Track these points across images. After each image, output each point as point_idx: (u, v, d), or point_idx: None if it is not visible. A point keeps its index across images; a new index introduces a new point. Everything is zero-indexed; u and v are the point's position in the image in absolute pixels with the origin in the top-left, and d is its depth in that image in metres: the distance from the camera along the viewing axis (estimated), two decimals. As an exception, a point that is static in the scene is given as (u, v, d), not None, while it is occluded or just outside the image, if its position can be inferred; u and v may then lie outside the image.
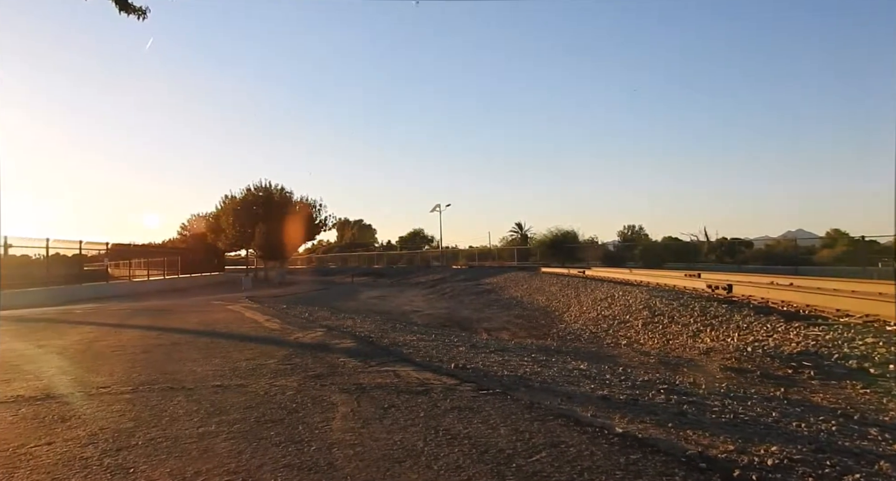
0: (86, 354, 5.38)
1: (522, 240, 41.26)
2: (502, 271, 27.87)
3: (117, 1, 10.44)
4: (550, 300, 16.52)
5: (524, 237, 41.91)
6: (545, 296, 17.46)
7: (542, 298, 17.16)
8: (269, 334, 6.76)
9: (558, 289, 17.82)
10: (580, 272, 22.10)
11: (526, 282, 21.73)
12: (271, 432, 2.75)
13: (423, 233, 61.19)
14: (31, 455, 2.46)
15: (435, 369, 4.43)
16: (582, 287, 17.00)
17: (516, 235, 43.20)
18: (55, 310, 12.39)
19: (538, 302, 16.89)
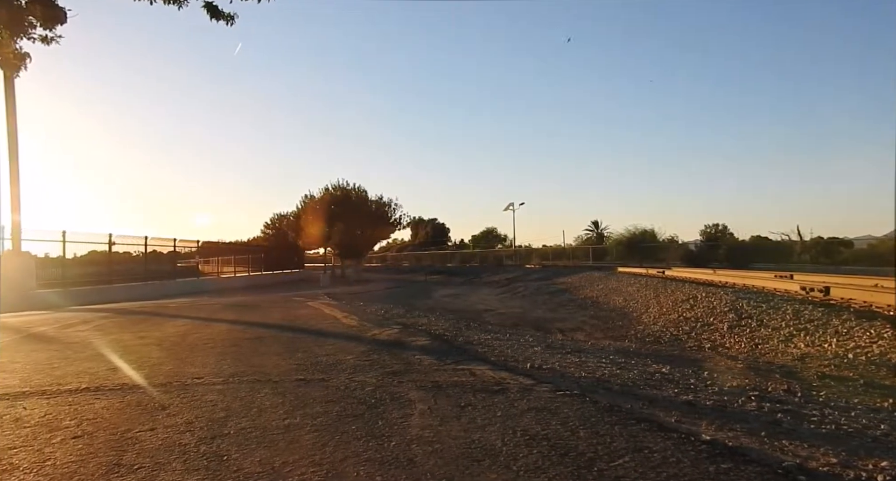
0: (181, 346, 5.73)
1: (598, 240, 40.33)
2: (577, 271, 27.32)
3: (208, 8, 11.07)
4: (628, 301, 16.02)
5: (600, 236, 40.95)
6: (622, 296, 16.95)
7: (619, 299, 16.67)
8: (348, 330, 6.94)
9: (636, 290, 17.25)
10: (659, 272, 21.28)
11: (601, 281, 21.20)
12: (352, 426, 2.82)
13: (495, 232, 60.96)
14: (137, 439, 2.64)
15: (510, 369, 4.39)
16: (661, 287, 16.36)
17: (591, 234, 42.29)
18: (152, 303, 13.30)
19: (615, 302, 16.43)
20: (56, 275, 17.31)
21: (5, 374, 4.32)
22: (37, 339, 6.56)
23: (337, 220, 36.02)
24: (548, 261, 38.44)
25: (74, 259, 19.00)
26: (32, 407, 3.28)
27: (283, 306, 11.00)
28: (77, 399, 3.47)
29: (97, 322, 8.21)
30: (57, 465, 2.31)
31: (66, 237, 17.41)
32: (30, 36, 11.80)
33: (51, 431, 2.78)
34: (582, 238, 43.16)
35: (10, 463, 2.35)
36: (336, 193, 38.06)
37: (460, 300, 20.23)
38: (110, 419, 3.00)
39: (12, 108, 14.22)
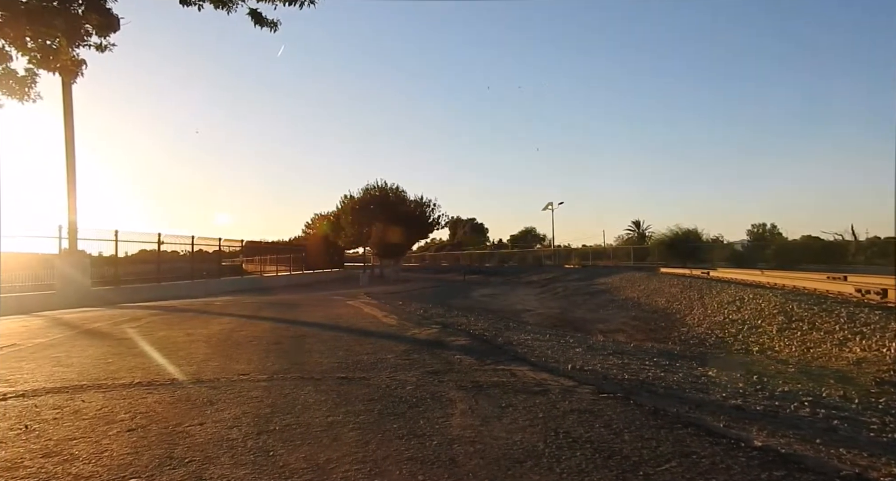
0: (226, 343, 5.88)
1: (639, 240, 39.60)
2: (617, 271, 26.87)
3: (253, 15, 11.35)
4: (671, 302, 15.66)
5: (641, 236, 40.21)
6: (665, 297, 16.59)
7: (662, 300, 16.32)
8: (387, 330, 7.00)
9: (679, 291, 16.85)
10: (704, 273, 20.74)
11: (643, 282, 20.78)
12: (394, 425, 2.84)
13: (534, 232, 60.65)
14: (187, 433, 2.72)
15: (551, 370, 4.35)
16: (706, 288, 15.93)
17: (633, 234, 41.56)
18: (199, 301, 13.71)
19: (657, 303, 16.09)
20: (108, 273, 18.02)
21: (64, 368, 4.52)
22: (92, 335, 6.84)
23: (376, 220, 36.40)
24: (587, 262, 37.96)
25: (125, 257, 19.72)
26: (90, 400, 3.42)
27: (323, 305, 11.17)
28: (130, 393, 3.60)
29: (147, 319, 8.50)
30: (113, 457, 2.40)
31: (118, 236, 18.13)
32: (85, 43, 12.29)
33: (107, 424, 2.89)
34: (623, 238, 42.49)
35: (71, 453, 2.45)
36: (375, 193, 38.47)
37: (498, 300, 20.16)
38: (162, 413, 3.10)
39: (70, 113, 14.87)
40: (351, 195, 39.59)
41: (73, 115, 14.93)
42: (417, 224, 38.69)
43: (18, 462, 2.35)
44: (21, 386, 3.83)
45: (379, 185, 38.79)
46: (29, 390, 3.71)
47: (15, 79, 12.37)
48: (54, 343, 6.08)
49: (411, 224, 37.90)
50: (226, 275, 25.11)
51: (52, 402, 3.38)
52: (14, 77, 12.35)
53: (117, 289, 17.31)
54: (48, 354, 5.27)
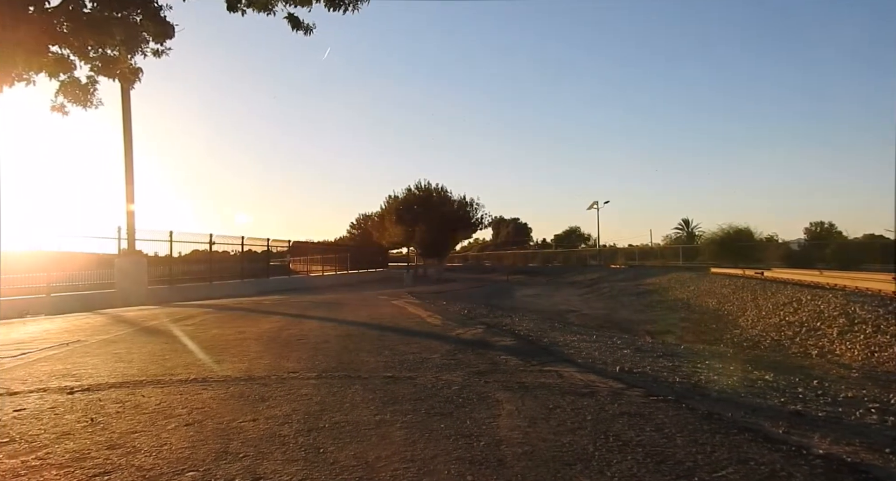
0: (276, 341, 6.02)
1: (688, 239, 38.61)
2: (665, 271, 26.22)
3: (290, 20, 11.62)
4: (722, 303, 15.19)
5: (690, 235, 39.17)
6: (716, 298, 16.10)
7: (713, 301, 15.84)
8: (432, 329, 7.03)
9: (731, 292, 16.32)
10: (757, 273, 20.01)
11: (693, 282, 20.22)
12: (441, 424, 2.84)
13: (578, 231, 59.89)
14: (241, 429, 2.80)
15: (599, 371, 4.29)
16: (760, 289, 15.38)
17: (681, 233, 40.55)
18: (248, 300, 14.08)
19: (707, 304, 15.63)
20: (163, 272, 18.70)
21: (125, 364, 4.72)
22: (149, 332, 7.12)
23: (419, 220, 36.60)
24: (634, 262, 37.21)
25: (179, 257, 20.43)
26: (149, 395, 3.57)
27: (368, 304, 11.31)
28: (187, 388, 3.73)
29: (200, 317, 8.79)
30: (172, 450, 2.49)
31: (172, 237, 18.81)
32: (142, 51, 12.80)
33: (166, 418, 3.01)
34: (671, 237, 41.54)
35: (133, 445, 2.56)
36: (419, 194, 38.69)
37: (543, 300, 19.98)
38: (217, 409, 3.20)
39: (128, 118, 15.52)
40: (395, 195, 39.97)
41: (131, 120, 15.58)
42: (461, 224, 38.72)
43: (86, 453, 2.47)
44: (86, 381, 4.02)
45: (423, 186, 39.01)
46: (93, 384, 3.90)
47: (78, 86, 13.01)
48: (115, 339, 6.35)
49: (455, 224, 37.96)
50: (273, 275, 25.69)
51: (114, 396, 3.53)
52: (77, 85, 12.99)
53: (172, 287, 17.95)
54: (110, 350, 5.52)
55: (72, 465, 2.32)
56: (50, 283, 14.11)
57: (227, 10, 11.42)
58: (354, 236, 50.33)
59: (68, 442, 2.63)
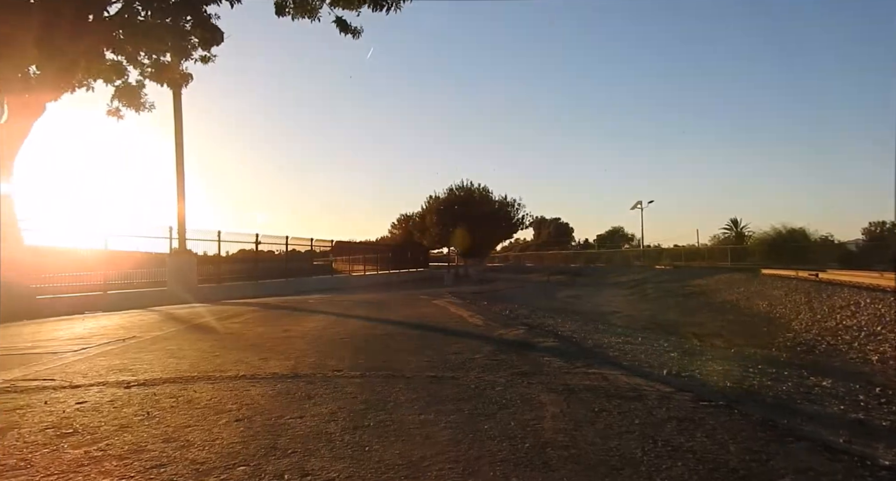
0: (320, 340, 6.11)
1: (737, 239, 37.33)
2: (713, 272, 25.48)
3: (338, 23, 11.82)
4: (773, 305, 14.66)
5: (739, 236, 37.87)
6: (767, 300, 15.55)
7: (763, 303, 15.31)
8: (474, 330, 7.02)
9: (783, 294, 15.73)
10: (811, 275, 19.22)
11: (742, 284, 19.59)
12: (485, 425, 2.83)
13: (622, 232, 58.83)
14: (288, 426, 2.86)
15: (645, 374, 4.20)
16: (814, 292, 14.77)
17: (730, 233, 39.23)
18: (292, 299, 14.35)
19: (758, 307, 15.12)
20: (211, 271, 19.28)
21: (178, 360, 4.88)
22: (199, 329, 7.35)
23: (460, 220, 36.67)
24: (679, 262, 36.29)
25: (226, 256, 21.02)
26: (201, 390, 3.68)
27: (410, 304, 11.38)
28: (236, 385, 3.83)
29: (247, 315, 9.02)
30: (224, 444, 2.56)
31: (220, 237, 19.37)
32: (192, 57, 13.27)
33: (217, 413, 3.09)
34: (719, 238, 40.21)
35: (187, 439, 2.64)
36: (459, 194, 38.78)
37: (585, 301, 19.71)
38: (265, 405, 3.27)
39: (179, 122, 16.05)
40: (436, 195, 40.20)
41: (182, 124, 16.12)
42: (502, 224, 38.65)
43: (143, 445, 2.56)
44: (142, 376, 4.17)
45: (464, 186, 39.06)
46: (149, 379, 4.05)
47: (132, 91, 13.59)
48: (168, 336, 6.58)
49: (495, 224, 37.90)
50: (317, 274, 26.15)
51: (168, 391, 3.66)
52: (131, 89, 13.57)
53: (220, 286, 18.49)
54: (163, 347, 5.72)
55: (130, 457, 2.41)
56: (107, 281, 14.73)
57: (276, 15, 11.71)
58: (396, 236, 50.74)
59: (126, 434, 2.73)
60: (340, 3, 11.73)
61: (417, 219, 44.00)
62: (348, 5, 11.71)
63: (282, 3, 11.83)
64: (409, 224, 47.99)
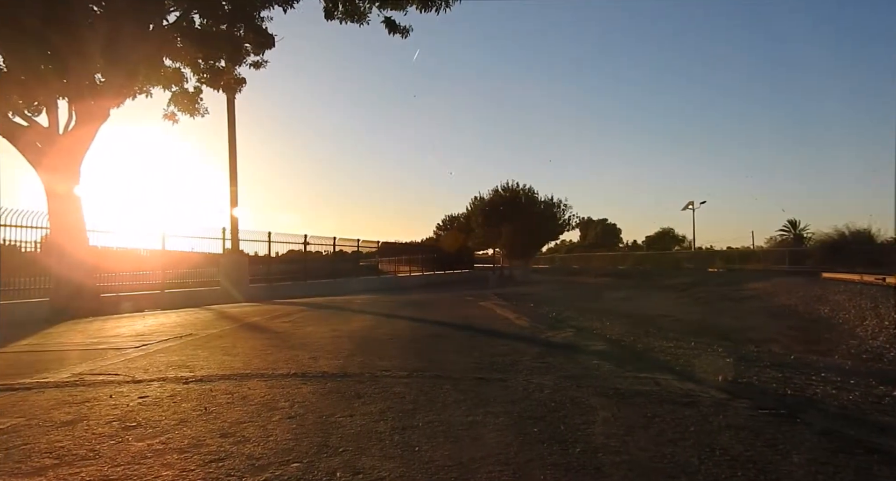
0: (368, 340, 6.19)
1: (796, 241, 35.82)
2: (769, 276, 24.50)
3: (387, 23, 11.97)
4: (836, 311, 13.96)
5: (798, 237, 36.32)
6: (828, 305, 14.81)
7: (825, 308, 14.59)
8: (520, 331, 6.97)
9: (846, 299, 14.96)
10: (878, 279, 18.20)
11: (801, 288, 18.74)
12: (534, 428, 2.81)
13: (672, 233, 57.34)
14: (339, 424, 2.90)
15: (699, 380, 4.07)
16: (881, 297, 13.99)
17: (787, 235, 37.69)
18: (339, 299, 14.58)
19: (819, 312, 14.42)
20: (262, 271, 19.77)
21: (231, 357, 5.03)
22: (251, 328, 7.56)
23: (505, 221, 36.49)
24: (733, 265, 35.08)
25: (276, 257, 21.51)
26: (254, 387, 3.78)
27: (455, 305, 11.40)
28: (288, 382, 3.92)
29: (296, 315, 9.22)
30: (278, 441, 2.62)
31: (271, 237, 19.88)
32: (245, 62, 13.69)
33: (270, 410, 3.17)
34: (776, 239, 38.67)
35: (243, 435, 2.72)
36: (505, 194, 38.58)
37: (633, 304, 19.24)
38: (316, 403, 3.33)
39: (233, 126, 16.56)
40: (481, 197, 40.12)
41: (235, 128, 16.62)
42: (547, 225, 38.27)
43: (202, 440, 2.65)
44: (199, 372, 4.32)
45: (510, 187, 38.85)
46: (205, 376, 4.18)
47: (187, 96, 14.12)
48: (222, 334, 6.80)
49: (541, 225, 37.56)
50: (363, 275, 26.47)
51: (223, 388, 3.78)
52: (187, 95, 14.10)
53: (269, 286, 18.96)
54: (218, 344, 5.91)
55: (190, 451, 2.50)
56: (164, 281, 15.31)
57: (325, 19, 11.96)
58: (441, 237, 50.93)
59: (186, 428, 2.83)
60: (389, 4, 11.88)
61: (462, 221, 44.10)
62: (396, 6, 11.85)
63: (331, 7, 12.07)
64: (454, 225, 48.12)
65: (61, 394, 3.67)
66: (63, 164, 11.14)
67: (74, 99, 11.37)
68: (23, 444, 2.64)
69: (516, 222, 35.94)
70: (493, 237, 38.76)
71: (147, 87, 13.18)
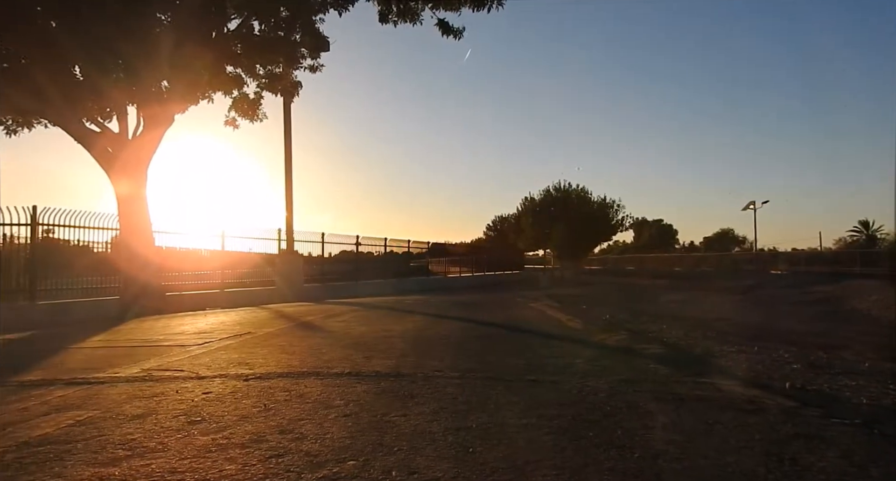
0: (419, 340, 6.23)
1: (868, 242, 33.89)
2: (838, 278, 23.28)
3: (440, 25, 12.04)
4: (914, 315, 13.14)
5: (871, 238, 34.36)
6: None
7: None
8: (573, 334, 6.87)
9: (925, 302, 14.07)
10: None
11: (875, 291, 17.73)
12: (590, 433, 2.75)
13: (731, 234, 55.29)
14: (393, 423, 2.93)
15: (764, 386, 3.90)
16: (964, 300, 13.09)
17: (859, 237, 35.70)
18: (391, 299, 14.74)
19: (894, 316, 13.60)
20: (315, 271, 20.21)
21: (288, 356, 5.17)
22: (306, 327, 7.74)
23: (557, 222, 36.07)
24: (798, 267, 33.50)
25: (329, 257, 21.95)
26: (310, 385, 3.86)
27: (506, 306, 11.34)
28: (342, 381, 3.99)
29: (349, 314, 9.38)
30: (334, 439, 2.67)
31: (324, 238, 20.31)
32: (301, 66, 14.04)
33: (326, 408, 3.23)
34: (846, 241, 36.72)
35: (300, 432, 2.78)
36: (556, 194, 38.14)
37: (690, 307, 18.59)
38: (370, 402, 3.38)
39: (289, 130, 17.01)
40: (531, 197, 39.79)
41: (291, 131, 17.07)
42: (600, 226, 37.62)
43: (262, 436, 2.73)
44: (258, 370, 4.46)
45: (562, 187, 38.39)
46: (263, 373, 4.31)
47: (247, 101, 14.60)
48: (278, 333, 6.99)
49: (593, 225, 36.94)
50: (413, 275, 26.67)
51: (281, 385, 3.88)
52: (247, 100, 14.59)
53: (322, 286, 19.35)
54: (275, 342, 6.08)
55: (251, 446, 2.57)
56: (223, 280, 15.87)
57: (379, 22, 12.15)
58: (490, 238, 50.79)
59: (247, 424, 2.93)
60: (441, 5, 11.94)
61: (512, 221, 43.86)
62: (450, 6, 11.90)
63: (385, 10, 12.24)
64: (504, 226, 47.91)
65: (132, 389, 3.85)
66: (132, 168, 11.73)
67: (142, 105, 11.97)
68: (99, 435, 2.78)
69: (568, 222, 35.44)
70: (544, 238, 38.35)
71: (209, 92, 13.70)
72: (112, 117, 12.57)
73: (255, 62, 13.36)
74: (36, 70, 10.77)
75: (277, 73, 13.88)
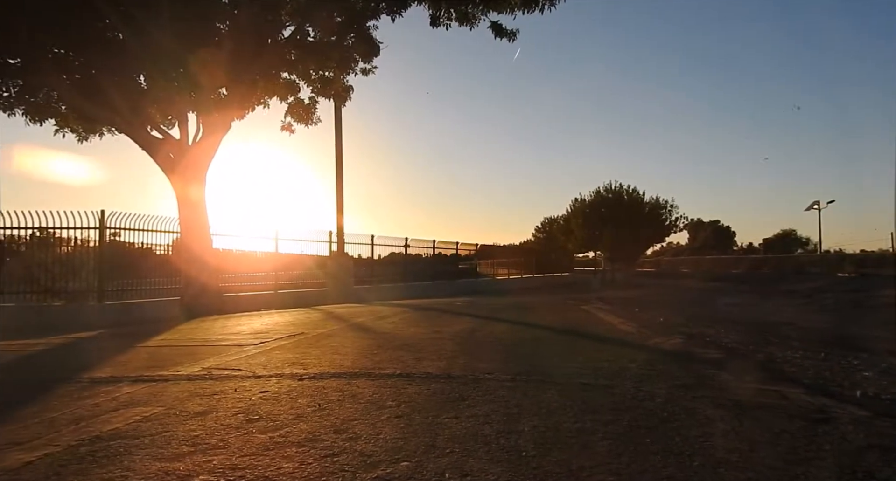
0: (469, 342, 6.22)
1: (944, 242, 31.82)
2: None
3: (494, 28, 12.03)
4: None
5: (947, 237, 32.24)
6: None
7: (983, 318, 12.84)
8: (626, 337, 6.71)
9: None
10: None
11: (952, 295, 16.60)
12: (646, 439, 2.68)
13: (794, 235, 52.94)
14: (444, 425, 2.93)
15: (833, 395, 3.71)
16: None
17: (933, 235, 33.54)
18: (440, 301, 14.79)
19: (975, 322, 12.71)
20: (365, 273, 20.47)
21: (341, 356, 5.26)
22: (358, 328, 7.85)
23: (607, 223, 35.38)
24: (867, 270, 31.74)
25: (378, 259, 22.21)
26: (362, 386, 3.91)
27: (556, 308, 11.20)
28: (394, 382, 4.02)
29: (399, 316, 9.46)
30: (387, 439, 2.69)
31: (373, 240, 20.58)
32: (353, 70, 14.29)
33: (378, 409, 3.27)
34: (920, 240, 34.56)
35: (354, 432, 2.82)
36: (607, 195, 37.42)
37: (749, 310, 17.88)
38: (422, 403, 3.39)
39: (340, 134, 17.33)
40: (581, 198, 39.15)
41: (342, 136, 17.39)
42: (653, 227, 36.67)
43: (317, 435, 2.78)
44: (312, 370, 4.55)
45: (612, 187, 37.65)
46: (317, 373, 4.39)
47: (302, 106, 14.98)
48: (331, 334, 7.12)
49: (646, 227, 36.05)
50: (462, 277, 26.66)
51: (334, 385, 3.94)
52: (302, 105, 14.97)
53: (372, 287, 19.59)
54: (327, 343, 6.19)
55: (307, 445, 2.63)
56: (277, 282, 16.29)
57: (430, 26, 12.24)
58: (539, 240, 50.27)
59: (302, 423, 2.99)
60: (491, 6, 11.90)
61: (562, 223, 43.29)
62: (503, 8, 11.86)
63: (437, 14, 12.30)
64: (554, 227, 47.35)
65: (193, 387, 4.00)
66: (192, 173, 12.22)
67: (202, 112, 12.46)
68: (163, 431, 2.90)
69: (619, 224, 34.68)
70: (595, 239, 37.66)
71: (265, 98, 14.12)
72: (174, 124, 13.13)
73: (309, 68, 13.67)
74: (105, 81, 11.37)
75: (329, 77, 14.15)
